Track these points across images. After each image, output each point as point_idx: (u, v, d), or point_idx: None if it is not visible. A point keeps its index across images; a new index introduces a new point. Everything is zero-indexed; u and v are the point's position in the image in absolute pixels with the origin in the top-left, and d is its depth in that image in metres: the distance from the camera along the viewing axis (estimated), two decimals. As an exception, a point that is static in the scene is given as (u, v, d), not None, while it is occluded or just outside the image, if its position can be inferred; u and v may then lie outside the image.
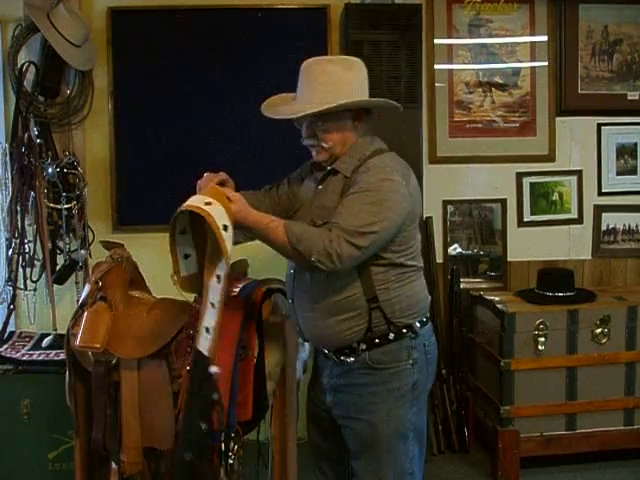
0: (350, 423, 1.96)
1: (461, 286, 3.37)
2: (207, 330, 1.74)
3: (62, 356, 2.48)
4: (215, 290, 1.74)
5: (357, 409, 1.93)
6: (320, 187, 1.96)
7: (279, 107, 1.95)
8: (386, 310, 1.88)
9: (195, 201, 1.75)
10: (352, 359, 1.91)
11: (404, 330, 1.91)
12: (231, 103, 3.26)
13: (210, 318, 1.74)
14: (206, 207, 1.70)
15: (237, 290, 2.06)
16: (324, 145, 1.91)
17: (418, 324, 1.94)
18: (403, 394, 1.92)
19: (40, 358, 2.67)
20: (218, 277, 1.74)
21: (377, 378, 1.91)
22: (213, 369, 1.75)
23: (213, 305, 1.74)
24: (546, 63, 3.45)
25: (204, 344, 1.75)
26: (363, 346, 1.90)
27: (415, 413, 1.96)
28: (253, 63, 3.25)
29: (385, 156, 1.92)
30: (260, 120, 3.22)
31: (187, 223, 1.81)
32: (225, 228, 1.69)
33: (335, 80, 1.84)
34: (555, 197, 3.52)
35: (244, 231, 1.84)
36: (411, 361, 1.92)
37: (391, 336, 1.89)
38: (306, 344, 2.11)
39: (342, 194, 1.85)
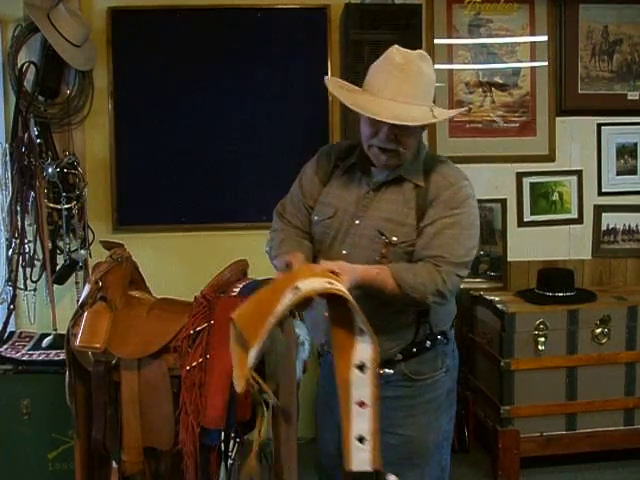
0: (383, 437, 1.81)
1: (461, 286, 3.36)
2: (361, 440, 1.41)
3: (62, 356, 2.47)
4: (361, 383, 1.41)
5: (392, 423, 1.82)
6: (372, 193, 1.80)
7: (372, 104, 1.69)
8: (432, 323, 1.82)
9: (317, 283, 1.45)
10: (391, 371, 1.81)
11: (439, 337, 1.85)
12: (231, 103, 3.26)
13: (362, 423, 1.40)
14: (333, 287, 1.44)
15: (237, 290, 2.06)
16: (402, 150, 1.74)
17: (449, 329, 1.90)
18: (440, 404, 1.86)
19: (40, 358, 2.67)
20: (361, 367, 1.41)
21: (415, 390, 1.83)
22: (392, 478, 1.50)
23: (363, 404, 1.41)
24: (546, 63, 3.45)
25: (360, 458, 1.41)
26: (399, 356, 1.81)
27: (447, 422, 1.91)
28: (253, 63, 3.26)
29: (445, 161, 1.85)
30: (260, 119, 3.29)
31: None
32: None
33: (428, 81, 1.73)
34: (555, 197, 3.52)
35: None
36: (444, 369, 1.87)
37: (428, 344, 1.82)
38: (306, 344, 2.10)
39: (417, 207, 1.74)
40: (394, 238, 1.72)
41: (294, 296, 1.41)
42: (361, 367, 1.41)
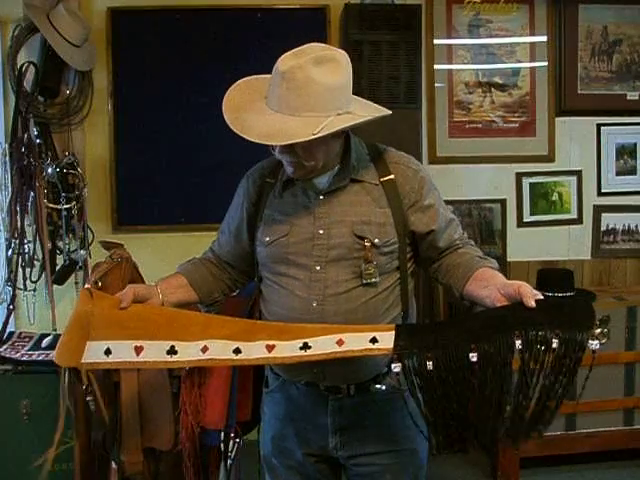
0: (374, 459, 1.69)
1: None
2: (373, 341, 1.47)
3: (62, 356, 2.47)
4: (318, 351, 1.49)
5: (385, 441, 1.68)
6: (325, 198, 1.65)
7: (253, 119, 1.57)
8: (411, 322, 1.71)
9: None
10: (382, 387, 1.63)
11: None
12: (231, 103, 3.26)
13: (357, 343, 1.48)
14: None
15: (237, 291, 2.06)
16: (306, 163, 1.58)
17: None
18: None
19: (40, 358, 2.67)
20: (304, 347, 1.49)
21: (402, 402, 1.60)
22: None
23: (341, 342, 1.49)
24: (546, 63, 3.45)
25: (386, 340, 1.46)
26: (386, 369, 1.61)
27: None
28: (253, 63, 3.25)
29: (386, 147, 1.76)
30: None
31: None
32: None
33: (322, 90, 1.52)
34: (555, 197, 3.52)
35: None
36: None
37: None
38: None
39: (390, 203, 1.64)
40: (377, 240, 1.61)
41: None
42: (304, 347, 1.47)
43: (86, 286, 1.64)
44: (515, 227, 3.51)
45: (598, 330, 1.37)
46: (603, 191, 3.54)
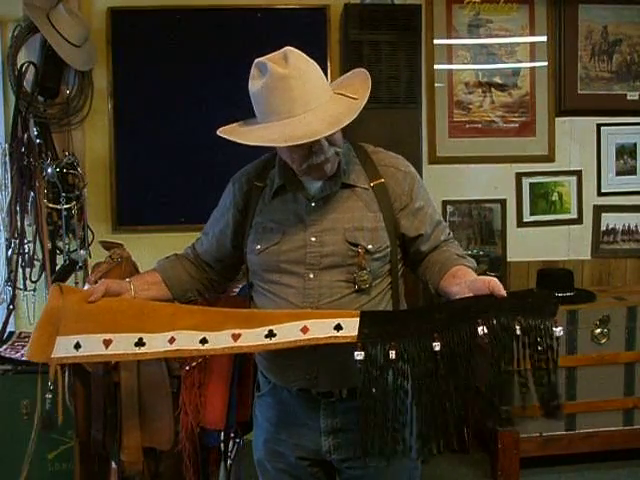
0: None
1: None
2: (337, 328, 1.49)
3: (62, 356, 2.47)
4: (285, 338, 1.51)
5: None
6: (316, 205, 1.64)
7: (273, 131, 1.56)
8: None
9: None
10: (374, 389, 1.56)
11: None
12: (231, 103, 3.26)
13: (321, 330, 1.50)
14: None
15: (237, 290, 2.06)
16: (339, 149, 1.59)
17: None
18: None
19: (40, 358, 2.67)
20: (269, 334, 1.51)
21: None
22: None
23: (305, 330, 1.51)
24: (546, 63, 3.45)
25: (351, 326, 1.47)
26: None
27: None
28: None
29: (375, 149, 1.73)
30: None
31: None
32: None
33: (318, 76, 1.61)
34: (555, 197, 3.52)
35: None
36: None
37: None
38: None
39: (382, 207, 1.62)
40: (370, 246, 1.59)
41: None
42: (269, 335, 1.50)
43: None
44: (515, 227, 3.51)
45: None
46: (603, 191, 3.54)
